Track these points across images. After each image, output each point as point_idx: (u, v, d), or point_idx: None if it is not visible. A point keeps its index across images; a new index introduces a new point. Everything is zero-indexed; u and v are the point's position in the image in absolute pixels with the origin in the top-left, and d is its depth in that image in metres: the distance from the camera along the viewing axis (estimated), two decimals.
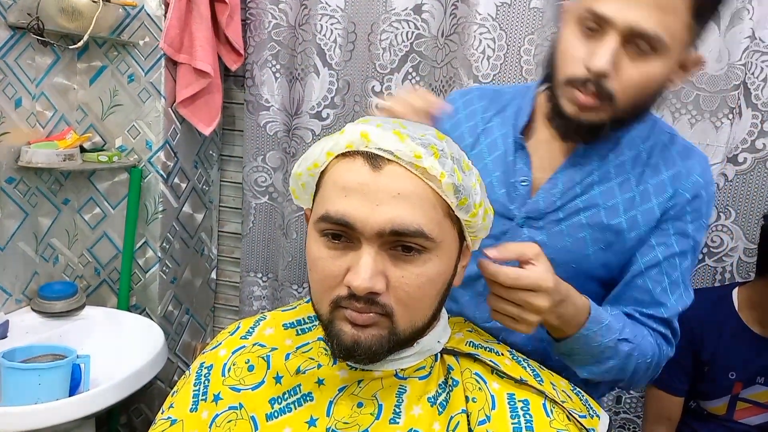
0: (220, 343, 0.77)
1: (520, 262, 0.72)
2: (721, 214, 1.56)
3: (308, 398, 0.68)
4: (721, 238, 1.57)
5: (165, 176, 1.74)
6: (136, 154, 1.72)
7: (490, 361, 0.70)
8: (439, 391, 0.68)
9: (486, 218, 0.67)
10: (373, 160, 0.60)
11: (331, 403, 0.67)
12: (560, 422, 0.66)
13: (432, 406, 0.66)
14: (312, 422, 0.66)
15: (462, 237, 0.68)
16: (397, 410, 0.66)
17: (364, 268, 0.58)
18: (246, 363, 0.73)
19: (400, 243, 0.60)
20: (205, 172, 1.94)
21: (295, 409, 0.68)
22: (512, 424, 0.65)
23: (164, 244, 1.78)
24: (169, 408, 0.73)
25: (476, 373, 0.69)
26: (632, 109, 0.81)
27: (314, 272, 0.64)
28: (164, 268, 1.80)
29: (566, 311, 0.76)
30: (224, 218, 2.07)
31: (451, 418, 0.65)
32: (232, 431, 0.68)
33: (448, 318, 0.78)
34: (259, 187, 1.91)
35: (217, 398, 0.71)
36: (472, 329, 0.77)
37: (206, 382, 0.73)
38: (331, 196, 0.62)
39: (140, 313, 1.78)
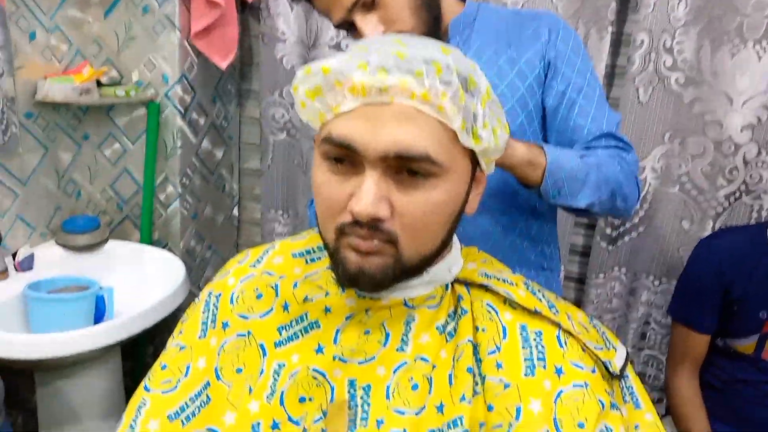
0: (229, 272, 0.75)
1: None
2: (762, 150, 1.47)
3: (315, 326, 0.67)
4: (761, 175, 1.50)
5: (182, 111, 1.72)
6: (153, 88, 1.70)
7: (504, 291, 0.68)
8: (449, 320, 0.66)
9: (498, 139, 0.63)
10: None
11: (338, 330, 0.66)
12: (574, 353, 0.64)
13: (440, 334, 0.65)
14: (320, 349, 0.66)
15: (476, 162, 0.64)
16: (405, 338, 0.65)
17: (367, 194, 0.56)
18: (255, 291, 0.71)
19: (406, 167, 0.57)
20: (223, 107, 1.91)
21: (303, 336, 0.67)
22: (523, 354, 0.63)
23: (184, 180, 1.78)
24: (178, 334, 0.73)
25: (488, 303, 0.67)
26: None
27: (318, 198, 0.61)
28: (185, 204, 1.81)
29: (517, 148, 0.82)
30: (245, 155, 2.05)
31: (458, 346, 0.64)
32: (240, 357, 0.68)
33: (462, 248, 0.75)
34: (277, 123, 1.87)
35: (225, 325, 0.70)
36: (486, 259, 0.74)
37: (215, 309, 0.72)
38: (334, 118, 0.58)
39: (163, 248, 1.80)
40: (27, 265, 1.48)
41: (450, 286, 0.68)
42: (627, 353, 0.72)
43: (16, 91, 1.44)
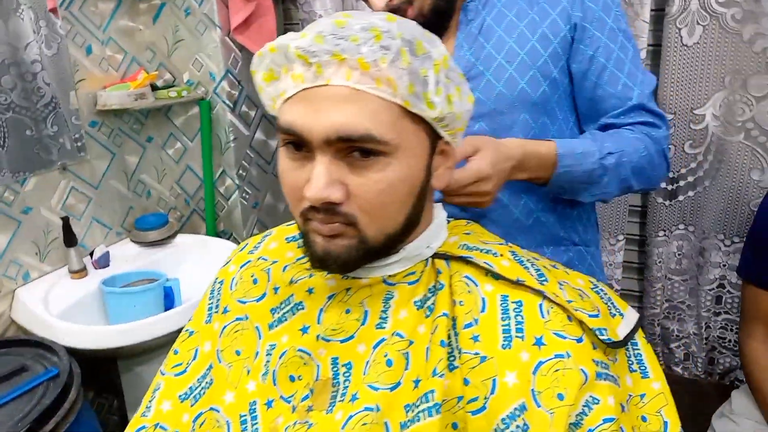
0: (231, 260, 0.79)
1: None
2: None
3: (300, 307, 0.69)
4: None
5: (231, 105, 1.79)
6: (202, 86, 1.78)
7: (485, 263, 0.66)
8: (428, 294, 0.66)
9: (453, 105, 0.61)
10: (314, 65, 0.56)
11: (321, 311, 0.68)
12: (557, 323, 0.62)
13: (419, 309, 0.65)
14: (305, 330, 0.68)
15: (436, 135, 0.63)
16: (384, 315, 0.65)
17: (316, 179, 0.56)
18: (251, 277, 0.75)
19: (354, 149, 0.57)
20: None
21: (291, 317, 0.69)
22: (502, 326, 0.62)
23: (240, 172, 1.86)
24: (189, 321, 0.78)
25: (466, 276, 0.66)
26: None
27: (282, 185, 0.63)
28: (244, 195, 1.89)
29: (530, 165, 0.82)
30: None
31: (435, 320, 0.63)
32: (239, 339, 0.72)
33: (450, 221, 0.74)
34: None
35: (226, 310, 0.74)
36: (471, 231, 0.73)
37: (218, 296, 0.77)
38: (282, 104, 0.60)
39: (228, 238, 1.90)
40: (103, 262, 1.62)
41: (431, 261, 0.68)
42: (639, 320, 0.69)
43: (79, 103, 1.56)
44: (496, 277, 0.66)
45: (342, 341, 0.66)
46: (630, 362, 0.67)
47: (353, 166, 0.58)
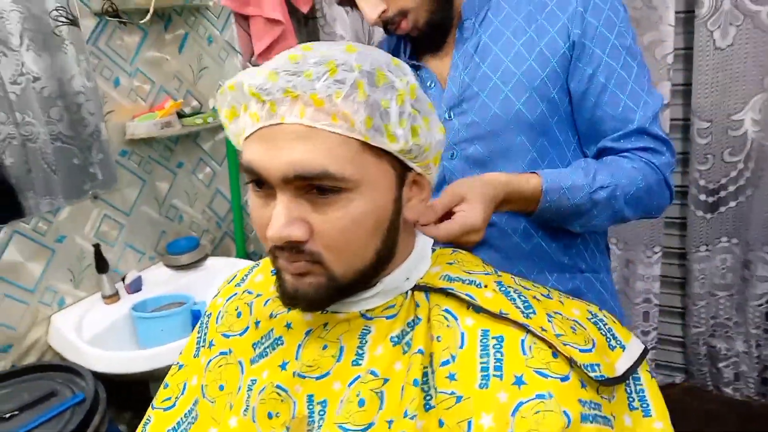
0: (219, 292, 0.79)
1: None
2: None
3: (279, 342, 0.68)
4: None
5: None
6: None
7: (466, 294, 0.63)
8: (407, 329, 0.63)
9: (419, 137, 0.58)
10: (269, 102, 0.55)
11: (300, 346, 0.66)
12: (539, 360, 0.58)
13: (395, 345, 0.62)
14: (284, 366, 0.66)
15: (405, 166, 0.60)
16: (360, 351, 0.63)
17: (276, 218, 0.55)
18: (235, 310, 0.74)
19: (313, 186, 0.55)
20: None
21: (271, 353, 0.68)
22: (480, 363, 0.58)
23: None
24: (180, 354, 0.78)
25: (446, 310, 0.63)
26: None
27: (252, 222, 0.62)
28: None
29: (514, 202, 0.80)
30: None
31: (411, 357, 0.61)
32: (222, 374, 0.71)
33: (436, 250, 0.71)
34: None
35: (211, 344, 0.74)
36: (455, 261, 0.70)
37: (206, 329, 0.76)
38: (243, 142, 0.59)
39: (258, 260, 1.91)
40: (135, 287, 1.67)
41: (410, 293, 0.65)
42: (643, 352, 0.64)
43: (108, 134, 1.62)
44: (478, 310, 0.62)
45: (317, 378, 0.64)
46: (630, 399, 0.62)
47: (315, 204, 0.56)
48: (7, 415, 1.23)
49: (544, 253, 0.90)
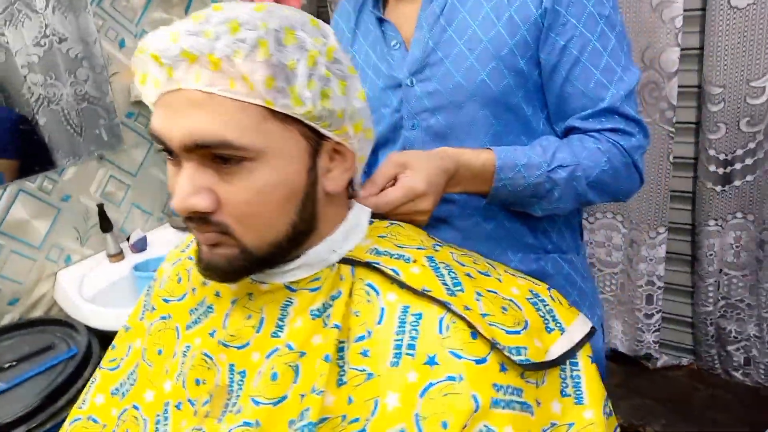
0: (167, 257, 0.79)
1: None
2: None
3: (210, 310, 0.67)
4: None
5: None
6: None
7: (391, 269, 0.60)
8: (329, 302, 0.61)
9: (331, 101, 0.55)
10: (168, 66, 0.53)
11: (227, 315, 0.65)
12: (456, 340, 0.55)
13: (314, 318, 0.60)
14: (212, 333, 0.66)
15: (320, 135, 0.57)
16: (281, 323, 0.62)
17: (180, 188, 0.53)
18: (176, 275, 0.74)
19: (216, 155, 0.53)
20: None
21: (204, 320, 0.68)
22: (394, 341, 0.56)
23: None
24: (128, 317, 0.79)
25: (368, 284, 0.61)
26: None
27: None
28: None
29: (463, 178, 0.74)
30: None
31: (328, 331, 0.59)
32: (161, 339, 0.71)
33: (374, 222, 0.69)
34: None
35: (153, 308, 0.74)
36: (387, 234, 0.67)
37: (151, 293, 0.76)
38: (154, 109, 0.57)
39: None
40: (140, 246, 1.70)
41: (337, 266, 0.63)
42: (587, 335, 0.60)
43: (113, 96, 1.64)
44: (402, 285, 0.60)
45: (238, 348, 0.63)
46: (564, 385, 0.59)
47: (221, 173, 0.54)
48: (6, 365, 1.29)
49: (506, 232, 0.85)
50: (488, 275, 0.64)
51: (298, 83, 0.53)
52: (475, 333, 0.55)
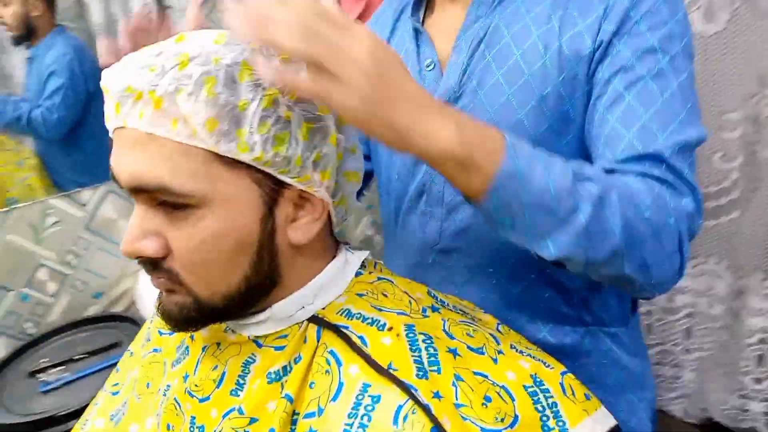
0: None
1: None
2: None
3: (187, 353, 0.65)
4: None
5: None
6: None
7: (359, 336, 0.54)
8: (291, 366, 0.56)
9: (288, 147, 0.50)
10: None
11: (198, 361, 0.63)
12: None
13: (271, 382, 0.56)
14: (186, 378, 0.64)
15: (278, 182, 0.52)
16: (241, 381, 0.58)
17: (128, 230, 0.52)
18: None
19: (161, 200, 0.50)
20: None
21: (183, 360, 0.66)
22: (344, 424, 0.50)
23: None
24: (132, 342, 0.79)
25: (331, 351, 0.54)
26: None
27: None
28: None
29: (467, 130, 0.51)
30: None
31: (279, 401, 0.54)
32: (151, 372, 0.71)
33: (362, 274, 0.62)
34: None
35: (148, 339, 0.73)
36: (366, 291, 0.60)
37: (152, 321, 0.76)
38: None
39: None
40: None
41: (305, 325, 0.58)
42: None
43: None
44: (366, 358, 0.53)
45: (201, 400, 0.60)
46: None
47: (170, 217, 0.51)
48: (77, 357, 1.37)
49: (536, 300, 0.74)
50: (482, 353, 0.55)
51: (247, 126, 0.48)
52: (438, 429, 0.48)
